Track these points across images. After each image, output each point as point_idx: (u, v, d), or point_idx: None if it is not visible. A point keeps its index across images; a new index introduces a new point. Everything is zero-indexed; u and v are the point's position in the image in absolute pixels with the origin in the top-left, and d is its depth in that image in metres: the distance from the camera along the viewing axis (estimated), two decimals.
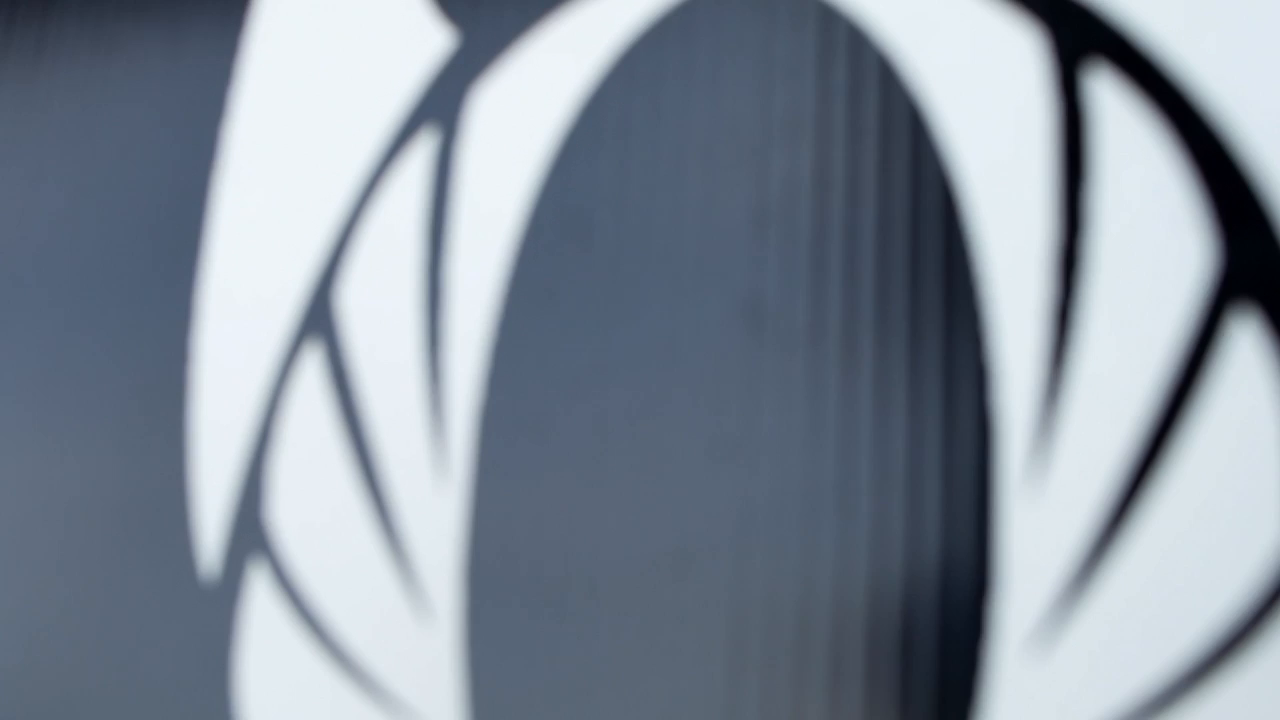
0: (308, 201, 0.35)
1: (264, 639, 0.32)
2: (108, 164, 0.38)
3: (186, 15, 0.38)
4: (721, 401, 0.29)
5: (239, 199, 0.36)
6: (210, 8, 0.37)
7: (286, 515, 0.33)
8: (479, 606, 0.31)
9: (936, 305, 0.28)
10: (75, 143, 0.39)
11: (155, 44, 0.39)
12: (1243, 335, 0.26)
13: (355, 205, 0.34)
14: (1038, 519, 0.26)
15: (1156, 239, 0.27)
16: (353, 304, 0.34)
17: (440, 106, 0.33)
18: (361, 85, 0.35)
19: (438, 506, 0.32)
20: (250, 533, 0.33)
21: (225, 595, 0.33)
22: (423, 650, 0.31)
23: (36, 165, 0.40)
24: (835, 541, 0.28)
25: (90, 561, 0.35)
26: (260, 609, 0.33)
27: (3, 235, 0.40)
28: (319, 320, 0.34)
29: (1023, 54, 0.28)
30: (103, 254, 0.38)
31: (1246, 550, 0.25)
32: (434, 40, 0.34)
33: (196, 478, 0.34)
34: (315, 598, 0.32)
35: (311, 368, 0.33)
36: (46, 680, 0.35)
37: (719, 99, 0.31)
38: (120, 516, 0.35)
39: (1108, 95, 0.28)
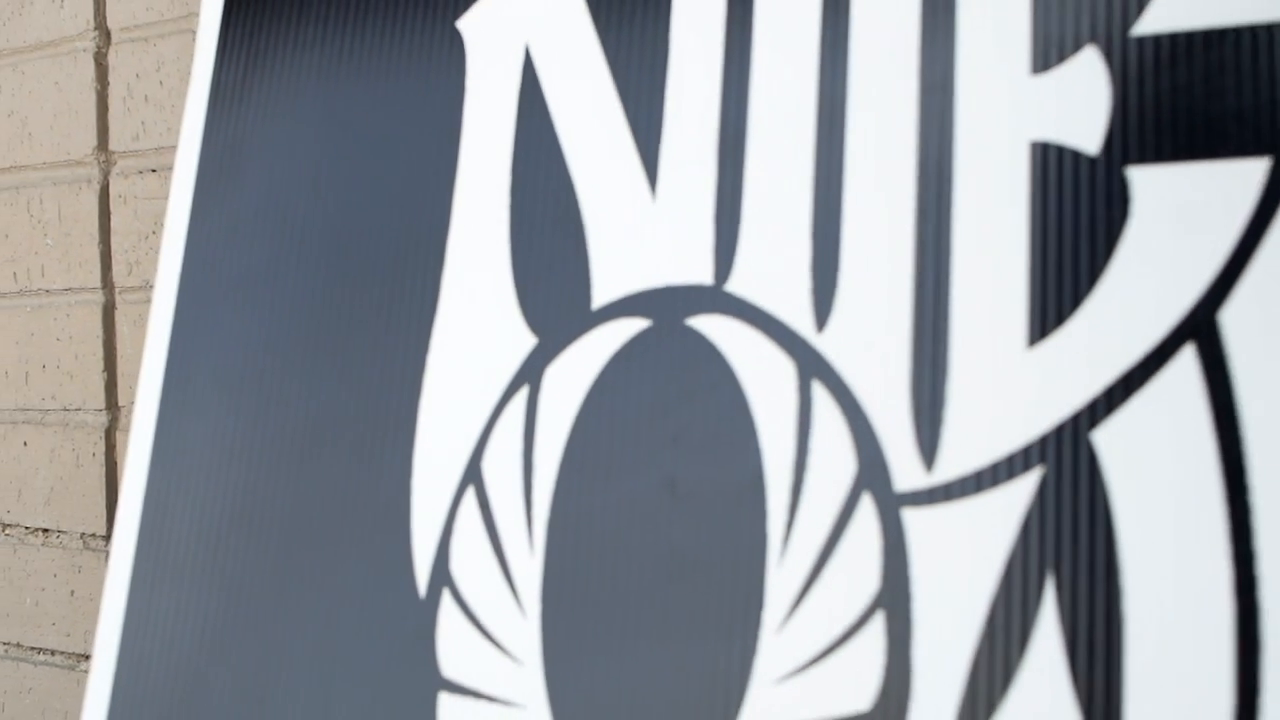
0: (469, 407, 0.72)
1: (451, 631, 0.69)
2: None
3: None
4: (659, 528, 0.66)
5: (438, 381, 0.73)
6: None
7: (459, 566, 0.70)
8: (548, 612, 0.67)
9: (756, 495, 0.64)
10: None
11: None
12: (866, 514, 0.62)
13: (489, 419, 0.71)
14: (783, 646, 0.63)
15: (839, 460, 0.63)
16: (490, 466, 0.70)
17: (530, 375, 0.70)
18: (492, 361, 0.71)
19: (530, 563, 0.68)
20: (442, 573, 0.70)
21: (429, 606, 0.70)
22: (523, 631, 0.68)
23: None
24: (715, 607, 0.64)
25: (346, 586, 0.72)
26: (448, 614, 0.70)
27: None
28: (473, 474, 0.71)
29: (787, 374, 0.65)
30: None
31: (869, 655, 0.61)
32: (527, 340, 0.71)
33: (415, 542, 0.71)
34: (474, 607, 0.69)
35: (470, 499, 0.70)
36: (305, 655, 0.72)
37: (657, 394, 0.67)
38: (372, 563, 0.72)
39: (820, 392, 0.64)
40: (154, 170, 1.10)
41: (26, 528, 1.19)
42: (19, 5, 1.18)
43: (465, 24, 0.78)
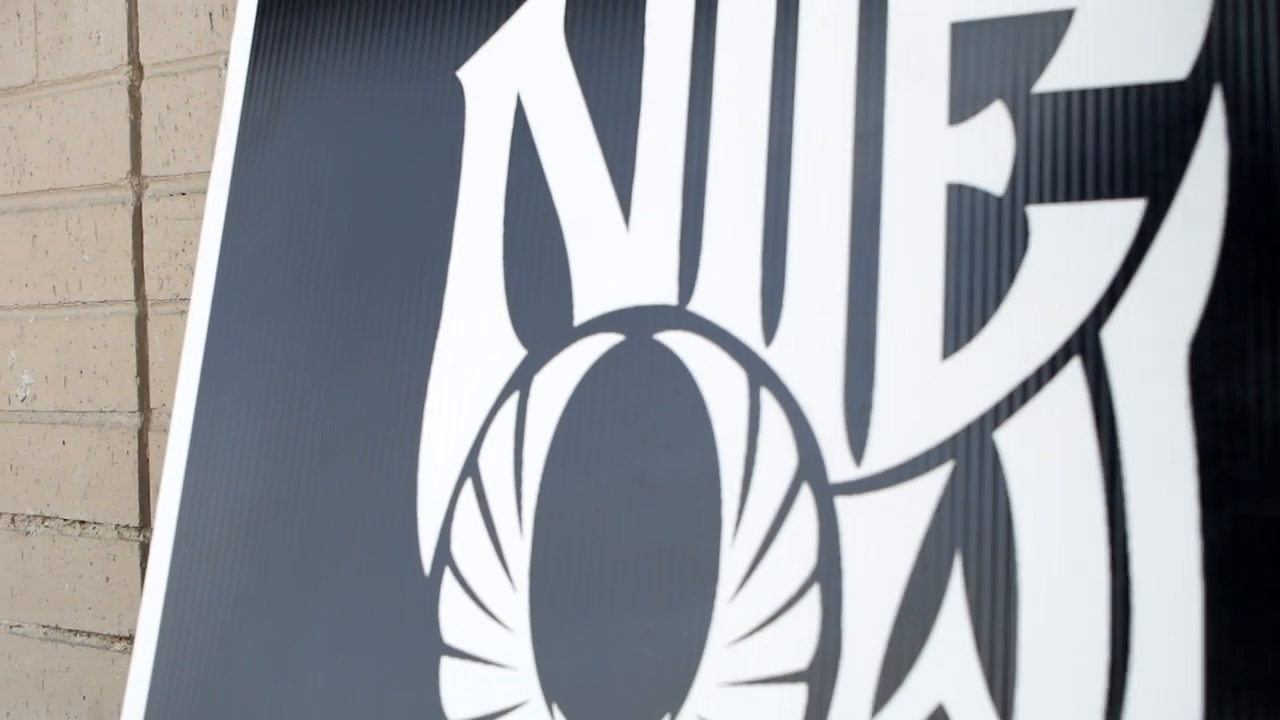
0: (467, 410, 0.82)
1: (452, 604, 0.80)
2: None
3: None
4: (630, 515, 0.76)
5: (441, 388, 0.84)
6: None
7: (459, 547, 0.81)
8: (536, 587, 0.78)
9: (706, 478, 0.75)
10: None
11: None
12: (805, 502, 0.72)
13: (485, 421, 0.82)
14: (734, 614, 0.73)
15: (782, 456, 0.73)
16: (486, 461, 0.81)
17: (520, 383, 0.81)
18: (487, 370, 0.82)
19: (520, 545, 0.79)
20: (444, 554, 0.81)
21: (433, 582, 0.81)
22: (514, 603, 0.78)
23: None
24: (668, 585, 0.75)
25: (360, 565, 0.83)
26: (449, 589, 0.80)
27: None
28: (471, 469, 0.81)
29: (739, 382, 0.75)
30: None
31: (806, 621, 0.72)
32: (518, 351, 0.82)
33: (420, 527, 0.82)
34: (472, 583, 0.80)
35: (469, 490, 0.81)
36: (322, 622, 0.83)
37: (629, 399, 0.78)
38: (383, 546, 0.83)
39: (767, 397, 0.74)
40: (183, 194, 1.20)
41: (65, 520, 1.29)
42: (59, 41, 1.29)
43: (465, 74, 0.88)
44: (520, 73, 0.87)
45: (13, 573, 1.34)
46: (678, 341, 0.78)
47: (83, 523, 1.28)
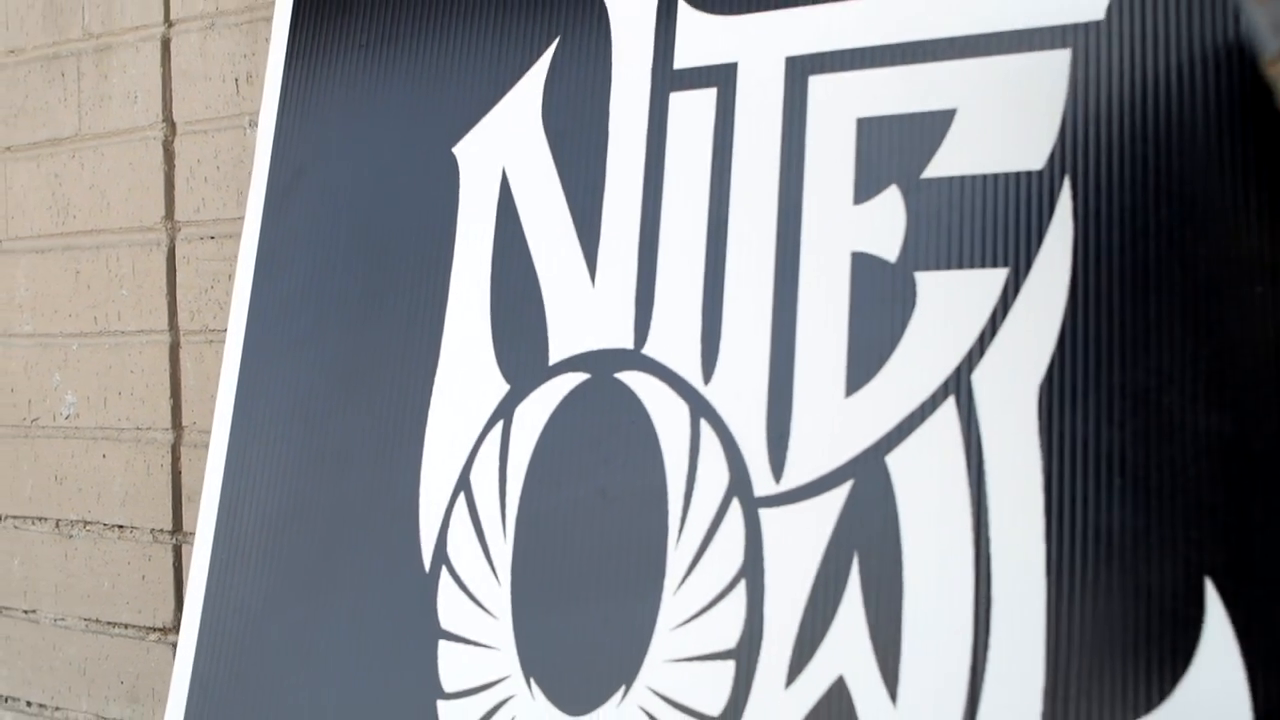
0: (460, 435, 0.99)
1: (447, 596, 0.97)
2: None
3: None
4: (593, 523, 0.93)
5: (439, 416, 1.00)
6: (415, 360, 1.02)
7: (453, 549, 0.97)
8: (517, 582, 0.95)
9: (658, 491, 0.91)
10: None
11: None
12: (734, 513, 0.89)
13: (475, 443, 0.98)
14: (677, 604, 0.90)
15: (717, 475, 0.90)
16: (476, 477, 0.98)
17: (504, 412, 0.98)
18: (477, 401, 0.99)
19: (504, 547, 0.96)
20: (440, 554, 0.97)
21: (432, 578, 0.97)
22: (499, 595, 0.95)
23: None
24: (622, 587, 0.91)
25: (371, 564, 1.00)
26: (445, 583, 0.97)
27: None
28: (464, 483, 0.98)
29: (683, 414, 0.92)
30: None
31: (734, 610, 0.88)
32: (502, 386, 0.98)
33: (421, 532, 0.98)
34: (464, 578, 0.96)
35: (462, 501, 0.98)
36: (330, 618, 1.00)
37: (593, 427, 0.94)
38: (390, 547, 0.99)
39: (705, 426, 0.91)
40: (212, 237, 1.36)
41: (105, 524, 1.46)
42: (100, 99, 1.46)
43: (459, 150, 1.05)
44: (505, 150, 1.03)
45: (58, 572, 1.50)
46: (633, 380, 0.94)
47: (121, 527, 1.44)
